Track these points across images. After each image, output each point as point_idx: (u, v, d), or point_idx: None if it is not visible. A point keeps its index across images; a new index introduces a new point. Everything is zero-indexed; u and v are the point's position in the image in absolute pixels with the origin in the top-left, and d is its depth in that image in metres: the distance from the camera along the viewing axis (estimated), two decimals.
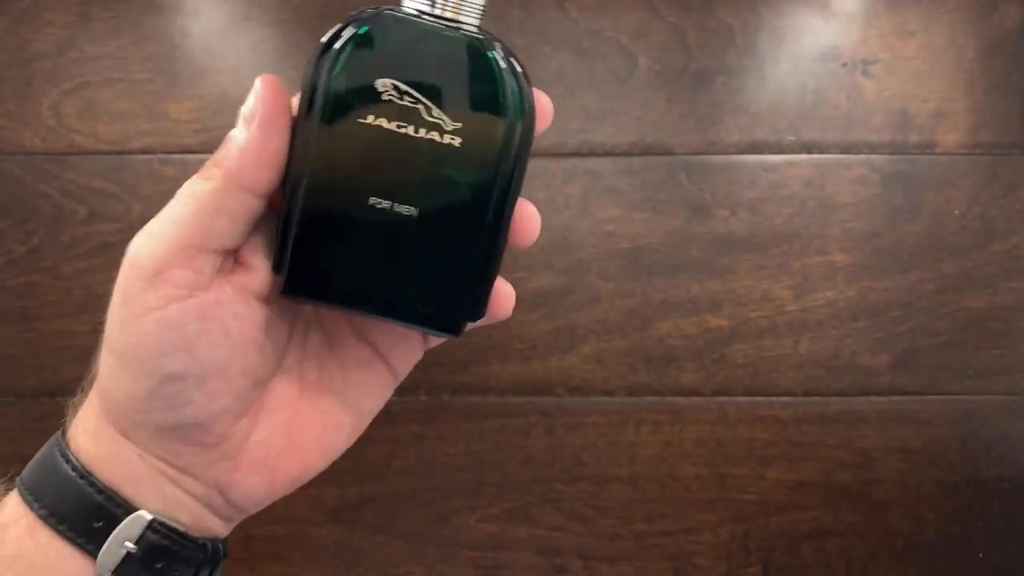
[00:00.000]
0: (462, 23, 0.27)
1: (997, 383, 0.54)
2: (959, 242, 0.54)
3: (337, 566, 0.54)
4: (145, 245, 0.27)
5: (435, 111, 0.27)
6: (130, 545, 0.28)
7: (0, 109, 0.53)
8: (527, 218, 0.29)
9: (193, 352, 0.27)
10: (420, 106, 0.26)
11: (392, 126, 0.26)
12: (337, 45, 0.26)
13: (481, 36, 0.27)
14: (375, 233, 0.27)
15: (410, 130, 0.26)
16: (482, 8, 0.27)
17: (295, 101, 0.28)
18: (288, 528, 0.54)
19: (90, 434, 0.29)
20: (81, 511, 0.28)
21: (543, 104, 0.28)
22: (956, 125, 0.54)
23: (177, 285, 0.27)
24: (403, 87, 0.26)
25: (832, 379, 0.54)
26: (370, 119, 0.26)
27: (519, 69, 0.27)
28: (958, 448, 0.54)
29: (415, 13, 0.27)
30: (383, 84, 0.26)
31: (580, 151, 0.53)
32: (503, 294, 0.30)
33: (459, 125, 0.27)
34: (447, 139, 0.27)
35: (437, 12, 0.27)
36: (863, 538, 0.54)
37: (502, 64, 0.27)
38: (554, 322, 0.54)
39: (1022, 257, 0.54)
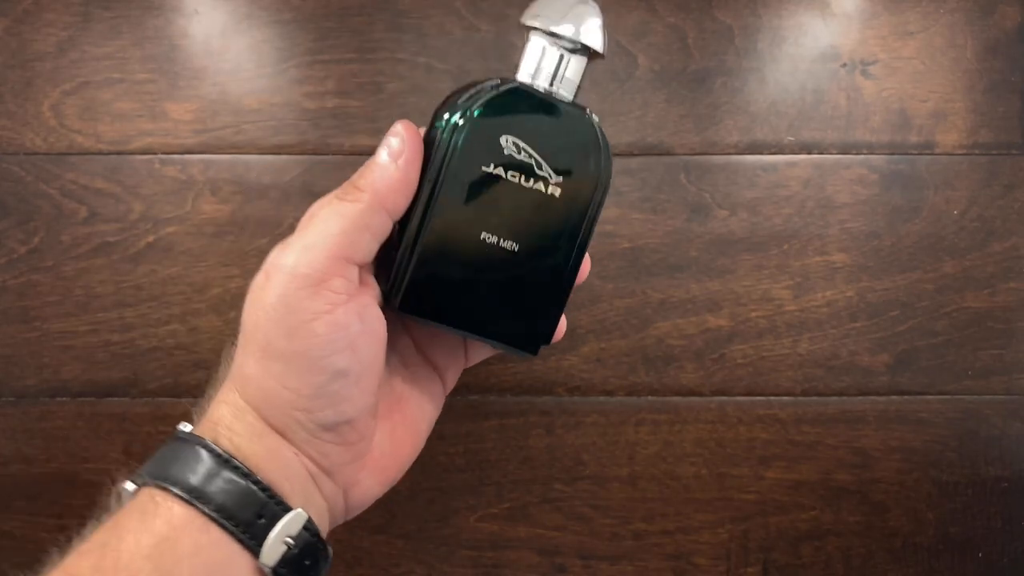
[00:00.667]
0: (563, 96, 0.33)
1: (996, 383, 0.54)
2: (958, 242, 0.54)
3: (337, 566, 0.55)
4: (304, 258, 0.30)
5: (544, 167, 0.32)
6: (290, 541, 0.30)
7: (0, 109, 0.53)
8: (586, 263, 0.36)
9: (356, 350, 0.30)
10: (533, 161, 0.32)
11: (508, 175, 0.32)
12: (474, 104, 0.32)
13: (586, 110, 0.33)
14: (481, 263, 0.33)
15: (521, 180, 0.32)
16: (577, 88, 0.34)
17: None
18: None
19: (245, 435, 0.31)
20: (246, 508, 0.30)
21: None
22: (955, 125, 0.54)
23: (338, 290, 0.30)
24: (522, 144, 0.32)
25: (831, 379, 0.54)
26: (491, 167, 0.32)
27: (605, 136, 0.33)
28: (957, 448, 0.54)
29: (531, 85, 0.33)
30: (506, 140, 0.32)
31: None
32: (560, 323, 0.36)
33: (560, 180, 0.33)
34: (550, 191, 0.33)
35: (547, 86, 0.33)
36: (862, 537, 0.54)
37: (597, 130, 0.33)
38: None
39: (1021, 257, 0.54)
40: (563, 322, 0.36)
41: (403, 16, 0.54)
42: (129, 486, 0.31)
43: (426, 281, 0.33)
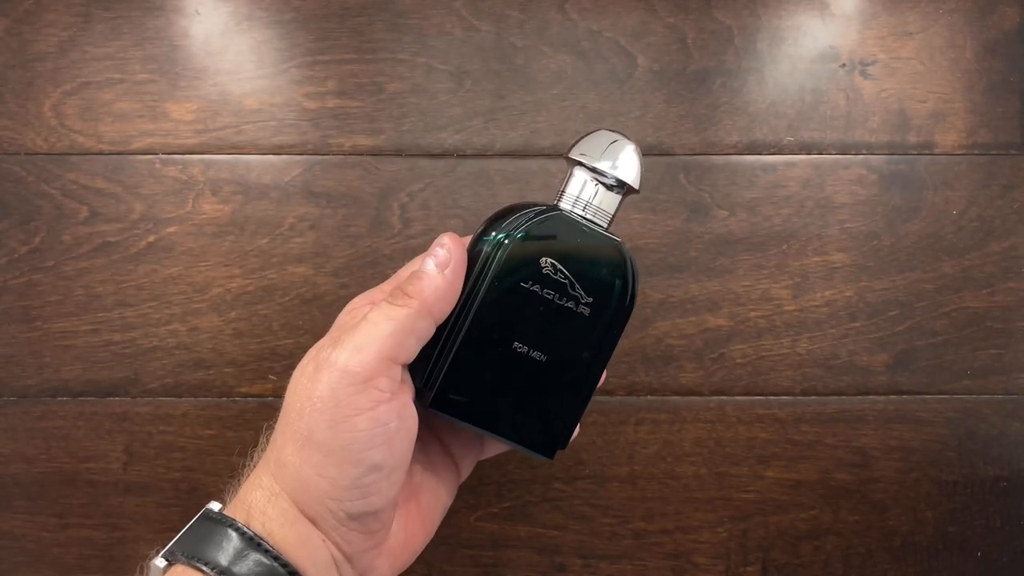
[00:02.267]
0: (600, 225, 0.37)
1: (995, 383, 0.55)
2: (957, 242, 0.54)
3: None
4: (354, 357, 0.32)
5: (577, 287, 0.35)
6: None
7: (1, 109, 0.53)
8: (603, 376, 0.38)
9: (392, 446, 0.33)
10: (567, 282, 0.35)
11: (543, 292, 0.35)
12: (520, 226, 0.35)
13: (616, 238, 0.36)
14: (511, 370, 0.36)
15: (555, 297, 0.35)
16: (612, 219, 0.37)
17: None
18: None
19: (278, 520, 0.33)
20: None
21: None
22: (954, 125, 0.54)
23: (382, 389, 0.33)
24: (559, 266, 0.35)
25: (830, 378, 0.54)
26: (529, 284, 0.35)
27: (634, 266, 0.37)
28: (956, 447, 0.55)
29: (571, 212, 0.36)
30: (545, 261, 0.35)
31: None
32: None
33: (591, 300, 0.36)
34: (580, 309, 0.36)
35: (585, 215, 0.37)
36: (861, 537, 0.54)
37: (628, 260, 0.36)
38: None
39: (1020, 257, 0.54)
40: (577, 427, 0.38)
41: (403, 16, 0.54)
42: (160, 562, 0.33)
43: (458, 383, 0.35)
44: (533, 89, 0.54)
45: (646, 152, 0.54)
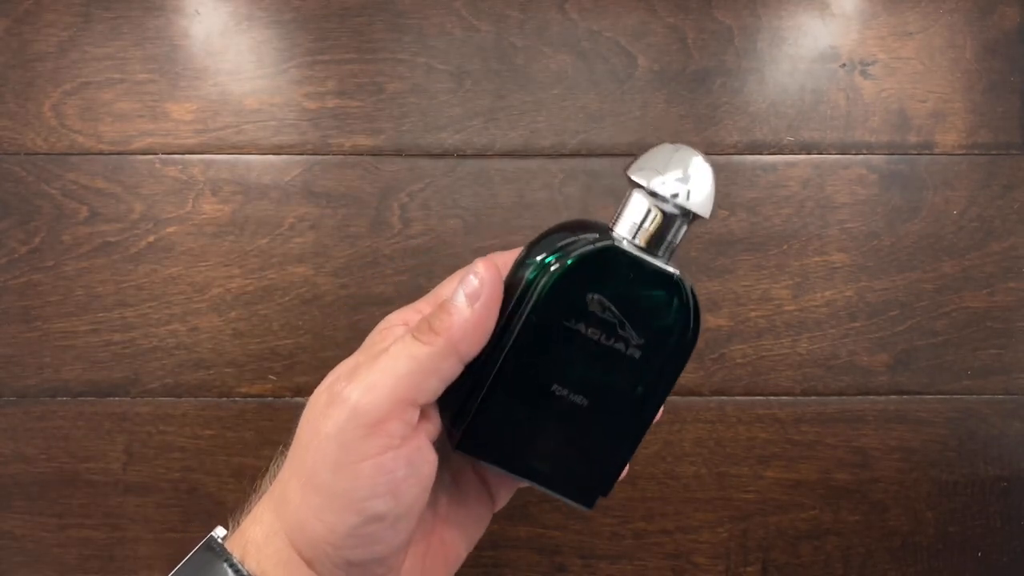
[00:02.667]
0: (659, 257, 0.31)
1: (995, 383, 0.55)
2: (957, 242, 0.54)
3: None
4: (366, 396, 0.30)
5: (627, 328, 0.31)
6: None
7: (1, 109, 0.53)
8: (663, 410, 0.34)
9: (397, 495, 0.30)
10: (616, 321, 0.31)
11: (588, 332, 0.31)
12: (566, 257, 0.31)
13: (677, 274, 0.31)
14: (547, 414, 0.32)
15: (602, 338, 0.31)
16: (674, 248, 0.32)
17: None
18: None
19: (272, 559, 0.31)
20: None
21: None
22: (954, 125, 0.54)
23: (392, 435, 0.30)
24: (607, 304, 0.31)
25: (831, 379, 0.54)
26: (572, 322, 0.31)
27: (697, 303, 0.32)
28: (956, 447, 0.55)
29: (626, 243, 0.31)
30: (591, 298, 0.31)
31: (580, 151, 0.54)
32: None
33: (643, 342, 0.31)
34: (630, 351, 0.31)
35: (643, 246, 0.31)
36: (862, 537, 0.54)
37: (690, 301, 0.31)
38: None
39: (1020, 257, 0.54)
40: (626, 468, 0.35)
41: (403, 16, 0.54)
42: None
43: (489, 425, 0.32)
44: (533, 89, 0.54)
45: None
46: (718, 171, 0.54)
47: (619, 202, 0.34)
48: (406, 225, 0.53)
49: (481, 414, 0.32)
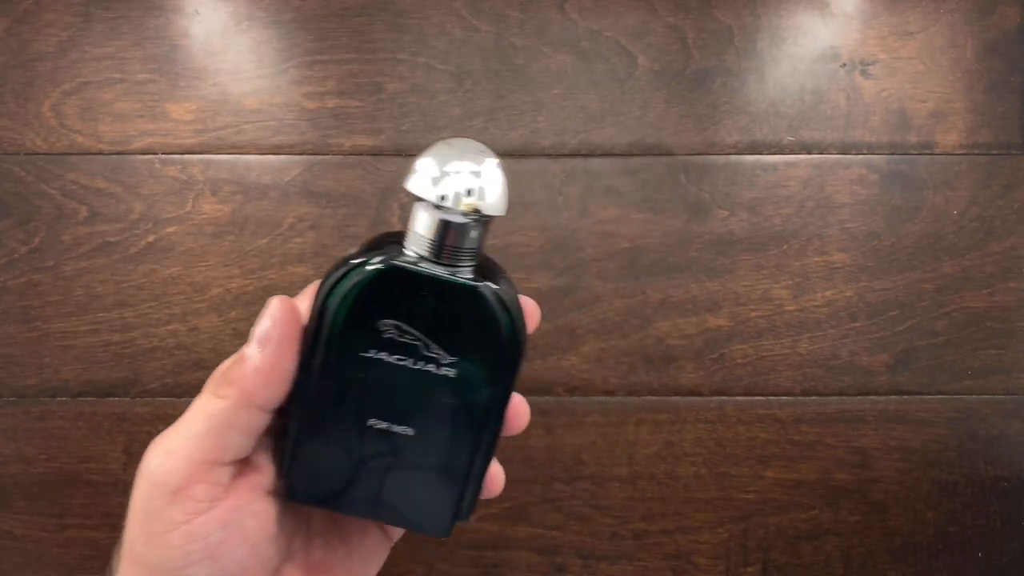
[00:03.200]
0: (459, 266, 0.29)
1: (995, 383, 0.54)
2: (957, 242, 0.54)
3: None
4: (165, 463, 0.28)
5: (433, 347, 0.29)
6: None
7: (1, 109, 0.53)
8: (517, 414, 0.31)
9: (217, 559, 0.28)
10: (419, 343, 0.29)
11: (392, 359, 0.29)
12: (346, 285, 0.28)
13: (475, 281, 0.28)
14: (372, 450, 0.30)
15: (409, 363, 0.29)
16: (474, 253, 0.29)
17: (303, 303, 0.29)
18: None
19: None
20: None
21: (530, 310, 0.31)
22: (955, 125, 0.54)
23: (199, 499, 0.28)
24: (404, 327, 0.29)
25: (831, 379, 0.54)
26: (371, 353, 0.29)
27: (510, 304, 0.29)
28: (956, 447, 0.55)
29: (412, 259, 0.29)
30: (385, 325, 0.28)
31: (580, 151, 0.54)
32: (495, 477, 0.32)
33: (455, 359, 0.29)
34: (443, 371, 0.29)
35: (435, 257, 0.29)
36: (862, 537, 0.54)
37: (494, 305, 0.29)
38: (554, 322, 0.54)
39: (1020, 257, 0.54)
40: (499, 476, 0.32)
41: (403, 16, 0.54)
42: None
43: (314, 470, 0.30)
44: (533, 89, 0.54)
45: (647, 152, 0.54)
46: (719, 171, 0.54)
47: (617, 202, 0.33)
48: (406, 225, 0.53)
49: (298, 460, 0.30)
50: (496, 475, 0.32)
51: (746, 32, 0.54)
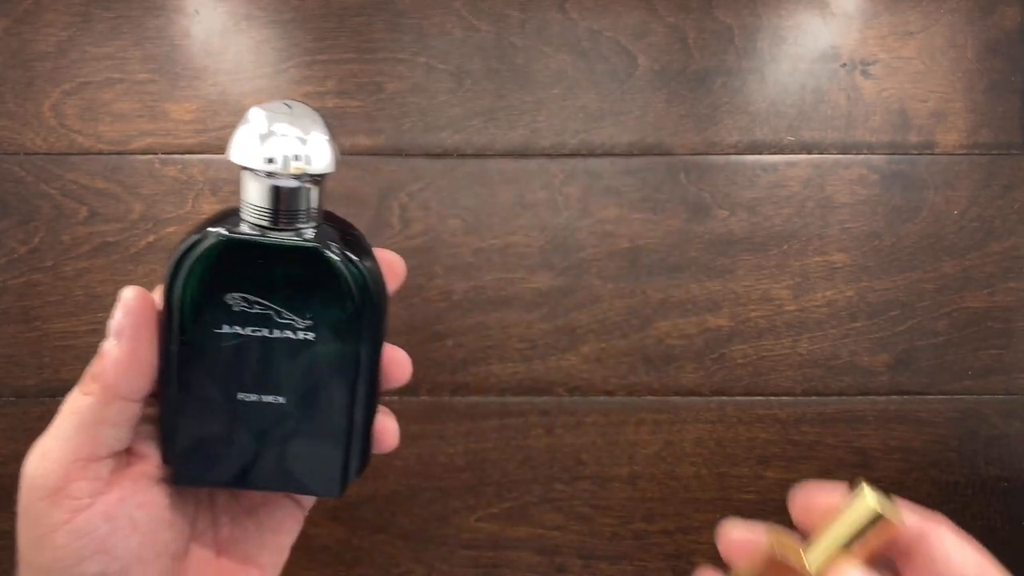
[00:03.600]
0: (298, 229, 0.29)
1: (996, 383, 0.54)
2: (958, 242, 0.54)
3: (337, 566, 0.55)
4: (39, 466, 0.28)
5: (285, 314, 0.29)
6: None
7: (1, 109, 0.53)
8: (396, 365, 0.31)
9: (108, 551, 0.28)
10: (271, 311, 0.29)
11: (247, 331, 0.29)
12: (186, 266, 0.28)
13: (314, 243, 0.28)
14: (247, 424, 0.30)
15: (265, 332, 0.29)
16: (313, 214, 0.29)
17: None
18: None
19: None
20: None
21: (395, 263, 0.31)
22: (955, 125, 0.54)
23: (78, 496, 0.28)
24: (252, 298, 0.29)
25: (831, 379, 0.54)
26: (225, 328, 0.29)
27: (356, 258, 0.29)
28: (957, 447, 0.54)
29: (248, 229, 0.29)
30: (232, 298, 0.28)
31: (580, 151, 0.54)
32: (386, 430, 0.32)
33: (310, 322, 0.29)
34: (301, 335, 0.29)
35: (272, 223, 0.28)
36: None
37: (337, 261, 0.28)
38: (553, 322, 0.54)
39: (1021, 257, 0.54)
40: (391, 428, 0.32)
41: (403, 16, 0.54)
42: None
43: (192, 452, 0.30)
44: (533, 89, 0.54)
45: (647, 152, 0.54)
46: (719, 171, 0.54)
47: (617, 202, 0.33)
48: (406, 225, 0.53)
49: (177, 443, 0.30)
50: (388, 429, 0.32)
51: (746, 32, 0.54)
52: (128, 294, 0.29)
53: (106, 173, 0.53)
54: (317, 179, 0.29)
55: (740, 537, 0.28)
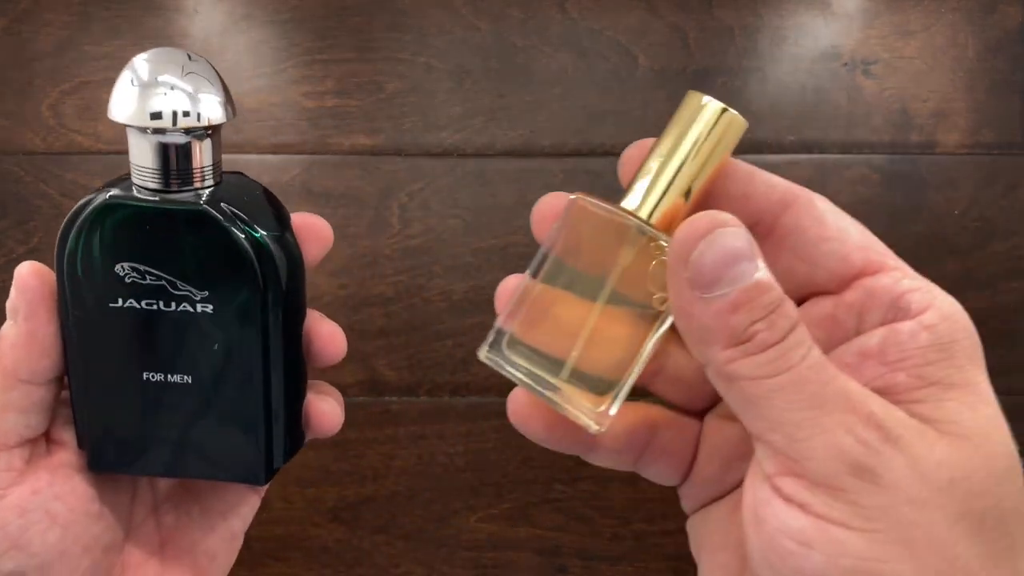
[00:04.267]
0: (194, 190, 0.26)
1: (997, 383, 0.54)
2: (959, 242, 0.54)
3: (337, 566, 0.54)
4: None
5: (180, 284, 0.26)
6: None
7: (0, 109, 0.53)
8: (329, 339, 0.29)
9: (24, 546, 0.27)
10: (163, 282, 0.26)
11: (143, 305, 0.26)
12: (72, 236, 0.26)
13: (204, 206, 0.26)
14: (157, 405, 0.28)
15: (160, 305, 0.26)
16: (210, 172, 0.27)
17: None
18: (287, 528, 0.54)
19: None
20: None
21: (317, 226, 0.29)
22: (956, 125, 0.54)
23: None
24: (143, 268, 0.26)
25: None
26: (120, 303, 0.26)
27: (256, 219, 0.26)
28: None
29: (133, 192, 0.26)
30: (123, 268, 0.26)
31: (580, 151, 0.54)
32: (322, 413, 0.30)
33: (207, 292, 0.26)
34: (199, 308, 0.26)
35: (157, 187, 0.26)
36: None
37: (231, 225, 0.26)
38: None
39: (1022, 257, 0.54)
40: (329, 412, 0.29)
41: (403, 16, 0.54)
42: None
43: (105, 437, 0.28)
44: (533, 88, 0.54)
45: None
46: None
47: (619, 201, 0.33)
48: (406, 225, 0.53)
49: (89, 428, 0.28)
50: (324, 412, 0.30)
51: (747, 32, 0.54)
52: (22, 270, 0.27)
53: (105, 173, 0.53)
54: (209, 132, 0.26)
55: (549, 204, 0.26)
